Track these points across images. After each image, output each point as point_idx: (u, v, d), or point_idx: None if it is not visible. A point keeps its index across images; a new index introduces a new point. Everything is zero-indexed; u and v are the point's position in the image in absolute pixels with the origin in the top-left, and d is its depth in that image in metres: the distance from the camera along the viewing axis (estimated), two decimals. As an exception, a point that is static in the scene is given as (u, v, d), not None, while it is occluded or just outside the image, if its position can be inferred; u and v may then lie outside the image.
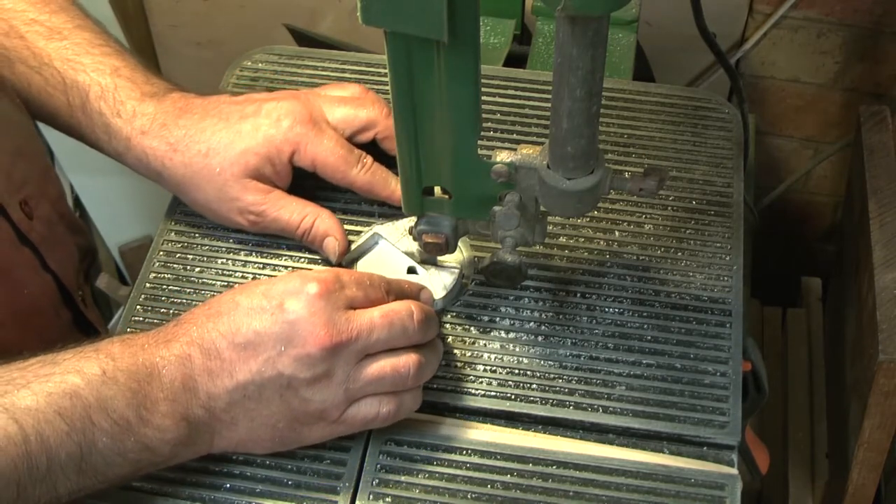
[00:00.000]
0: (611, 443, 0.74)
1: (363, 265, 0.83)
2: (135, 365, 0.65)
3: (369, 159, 0.83)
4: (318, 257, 0.84)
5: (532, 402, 0.75)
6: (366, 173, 0.82)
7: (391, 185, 0.83)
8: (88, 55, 0.83)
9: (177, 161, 0.80)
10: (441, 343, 0.74)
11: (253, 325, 0.66)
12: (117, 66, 0.83)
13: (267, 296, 0.67)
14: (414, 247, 0.81)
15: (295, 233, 0.82)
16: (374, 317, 0.68)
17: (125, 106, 0.81)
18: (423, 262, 0.81)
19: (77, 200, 1.63)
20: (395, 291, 0.72)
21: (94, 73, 0.82)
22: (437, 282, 0.80)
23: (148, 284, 0.83)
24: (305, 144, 0.80)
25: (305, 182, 0.83)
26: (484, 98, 0.69)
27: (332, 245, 0.81)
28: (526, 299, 0.80)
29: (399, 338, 0.69)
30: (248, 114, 0.81)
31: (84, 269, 0.95)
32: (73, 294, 0.88)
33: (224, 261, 0.84)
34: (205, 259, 0.84)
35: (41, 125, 0.88)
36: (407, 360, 0.69)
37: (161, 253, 0.85)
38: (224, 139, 0.80)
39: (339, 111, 0.83)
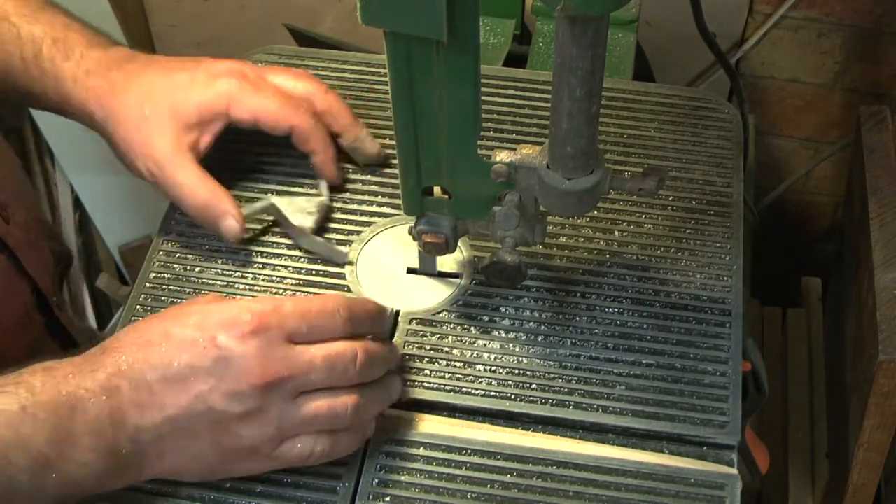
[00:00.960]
0: (610, 443, 0.74)
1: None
2: (57, 398, 0.62)
3: (319, 97, 0.84)
4: (317, 258, 0.83)
5: (532, 402, 0.75)
6: (314, 113, 0.83)
7: (350, 114, 0.85)
8: (44, 12, 0.85)
9: (113, 104, 0.81)
10: (397, 379, 0.72)
11: (184, 358, 0.64)
12: (68, 23, 0.84)
13: (200, 328, 0.64)
14: (306, 222, 0.83)
15: (188, 205, 0.81)
16: (314, 356, 0.65)
17: (74, 51, 0.82)
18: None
19: (77, 200, 1.63)
20: (356, 318, 0.69)
21: (48, 26, 0.83)
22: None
23: (148, 284, 0.83)
24: (243, 97, 0.81)
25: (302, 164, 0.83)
26: (484, 98, 0.69)
27: (231, 225, 0.81)
28: (526, 299, 0.80)
29: (339, 379, 0.67)
30: (186, 67, 0.82)
31: (59, 273, 0.94)
32: (48, 299, 0.88)
33: (224, 261, 0.84)
34: (205, 259, 0.84)
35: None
36: (345, 401, 0.67)
37: (161, 253, 0.85)
38: (160, 87, 0.81)
39: (277, 78, 0.84)
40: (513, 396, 0.75)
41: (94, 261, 1.71)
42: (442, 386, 0.76)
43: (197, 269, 0.84)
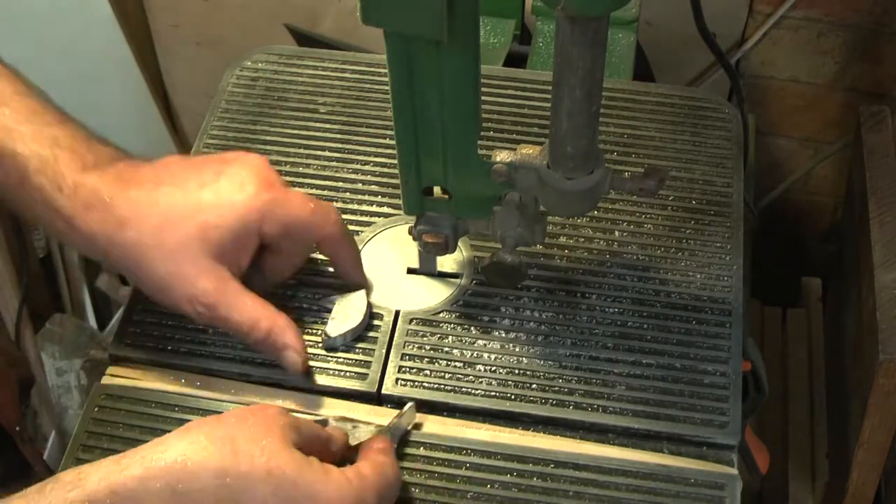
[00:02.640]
0: (610, 443, 0.74)
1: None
2: None
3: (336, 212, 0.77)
4: (323, 261, 0.84)
5: (532, 402, 0.75)
6: (341, 222, 0.77)
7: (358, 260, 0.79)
8: (28, 124, 0.73)
9: (127, 238, 0.70)
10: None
11: None
12: (57, 136, 0.73)
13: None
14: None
15: (246, 339, 0.73)
16: None
17: (66, 180, 0.71)
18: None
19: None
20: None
21: (34, 144, 0.72)
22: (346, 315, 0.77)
23: (148, 284, 0.83)
24: (274, 209, 0.72)
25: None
26: (484, 98, 0.69)
27: (294, 361, 0.73)
28: (526, 299, 0.80)
29: None
30: (206, 181, 0.73)
31: (24, 401, 0.89)
32: (11, 433, 0.82)
33: (224, 261, 0.84)
34: (205, 259, 0.84)
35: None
36: None
37: (161, 253, 0.84)
38: (181, 212, 0.71)
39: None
40: (513, 396, 0.75)
41: (94, 261, 1.71)
42: (442, 386, 0.76)
43: (197, 269, 0.83)
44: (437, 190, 0.75)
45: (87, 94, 1.57)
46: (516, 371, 0.77)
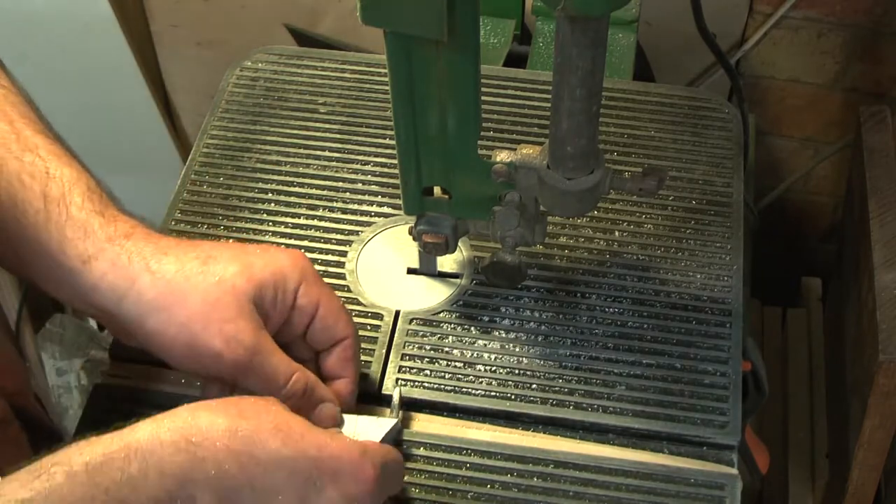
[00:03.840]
0: (610, 443, 0.74)
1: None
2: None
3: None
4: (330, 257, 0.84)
5: (532, 402, 0.75)
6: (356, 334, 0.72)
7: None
8: (68, 157, 0.70)
9: (166, 265, 0.65)
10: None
11: None
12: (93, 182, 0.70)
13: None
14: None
15: (279, 391, 0.66)
16: None
17: (109, 208, 0.68)
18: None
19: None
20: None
21: (82, 172, 0.70)
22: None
23: (148, 284, 0.82)
24: (312, 280, 0.69)
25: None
26: (484, 98, 0.69)
27: (330, 414, 0.68)
28: (526, 299, 0.80)
29: None
30: (250, 250, 0.69)
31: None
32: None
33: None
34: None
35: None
36: None
37: (161, 253, 0.84)
38: (227, 251, 0.67)
39: None
40: (513, 396, 0.75)
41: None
42: (442, 386, 0.76)
43: (197, 269, 0.83)
44: (437, 190, 0.75)
45: (87, 94, 1.57)
46: (516, 371, 0.77)
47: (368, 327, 0.79)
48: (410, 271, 0.83)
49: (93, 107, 1.59)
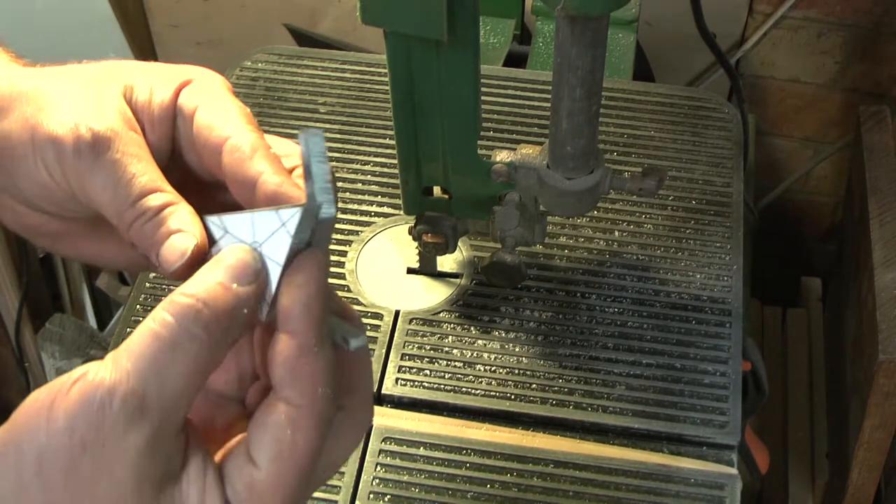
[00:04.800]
0: (610, 443, 0.74)
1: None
2: None
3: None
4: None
5: (532, 402, 0.75)
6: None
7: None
8: None
9: (23, 71, 0.54)
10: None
11: None
12: None
13: None
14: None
15: (127, 205, 0.47)
16: None
17: None
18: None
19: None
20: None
21: None
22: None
23: (148, 284, 0.83)
24: (213, 91, 0.52)
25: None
26: (484, 98, 0.69)
27: (181, 247, 0.46)
28: (526, 299, 0.80)
29: None
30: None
31: None
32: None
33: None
34: (205, 259, 0.84)
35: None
36: None
37: (161, 253, 0.84)
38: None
39: None
40: (513, 396, 0.75)
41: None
42: (442, 386, 0.76)
43: (197, 269, 0.83)
44: (437, 190, 0.75)
45: (87, 94, 1.57)
46: (516, 371, 0.77)
47: (368, 327, 0.79)
48: (410, 271, 0.83)
49: (93, 107, 1.59)
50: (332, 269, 0.83)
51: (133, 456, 0.40)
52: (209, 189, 0.52)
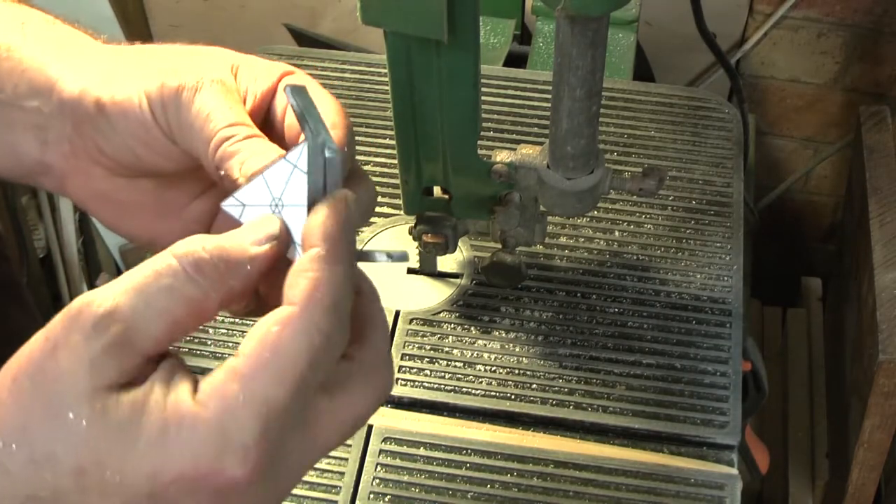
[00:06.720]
0: (610, 443, 0.74)
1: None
2: None
3: None
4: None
5: (532, 402, 0.75)
6: None
7: None
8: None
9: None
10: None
11: None
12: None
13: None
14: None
15: (211, 135, 0.49)
16: None
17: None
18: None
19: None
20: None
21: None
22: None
23: (148, 284, 0.82)
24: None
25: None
26: (484, 98, 0.69)
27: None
28: (526, 299, 0.80)
29: None
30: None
31: None
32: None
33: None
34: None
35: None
36: None
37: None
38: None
39: None
40: (513, 396, 0.75)
41: (94, 261, 1.71)
42: (442, 386, 0.76)
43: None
44: (437, 190, 0.75)
45: (87, 94, 1.57)
46: (516, 371, 0.77)
47: (368, 327, 0.79)
48: (410, 271, 0.83)
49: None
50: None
51: (92, 358, 0.40)
52: None
